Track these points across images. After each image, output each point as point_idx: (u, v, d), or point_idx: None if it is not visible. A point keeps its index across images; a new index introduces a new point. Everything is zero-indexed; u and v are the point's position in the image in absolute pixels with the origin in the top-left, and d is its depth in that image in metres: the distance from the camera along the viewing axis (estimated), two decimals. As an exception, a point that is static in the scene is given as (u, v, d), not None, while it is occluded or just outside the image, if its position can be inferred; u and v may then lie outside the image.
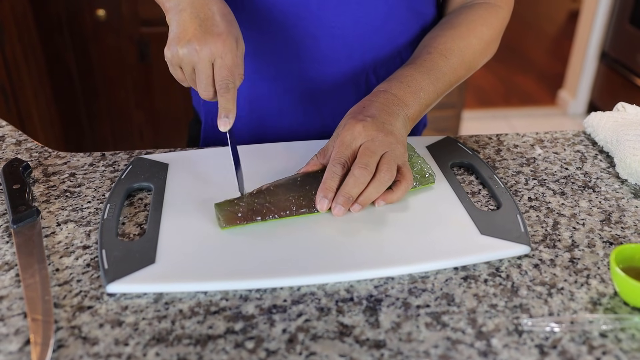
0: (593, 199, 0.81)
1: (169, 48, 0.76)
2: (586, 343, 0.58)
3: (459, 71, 0.89)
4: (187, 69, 0.76)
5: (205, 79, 0.76)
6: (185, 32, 0.74)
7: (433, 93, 0.85)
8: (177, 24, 0.75)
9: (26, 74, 2.08)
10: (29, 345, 0.57)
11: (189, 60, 0.75)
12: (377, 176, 0.74)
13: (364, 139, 0.76)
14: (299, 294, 0.64)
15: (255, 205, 0.74)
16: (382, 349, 0.57)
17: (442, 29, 0.92)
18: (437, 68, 0.86)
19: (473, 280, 0.66)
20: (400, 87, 0.82)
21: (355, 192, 0.74)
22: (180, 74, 0.79)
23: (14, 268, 0.67)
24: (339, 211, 0.73)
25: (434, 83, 0.85)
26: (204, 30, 0.74)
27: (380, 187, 0.74)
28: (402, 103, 0.81)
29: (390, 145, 0.76)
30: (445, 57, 0.87)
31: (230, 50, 0.75)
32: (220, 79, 0.75)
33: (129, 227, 0.74)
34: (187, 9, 0.76)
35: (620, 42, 3.13)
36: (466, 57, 0.89)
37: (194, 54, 0.74)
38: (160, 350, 0.57)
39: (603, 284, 0.66)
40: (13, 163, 0.83)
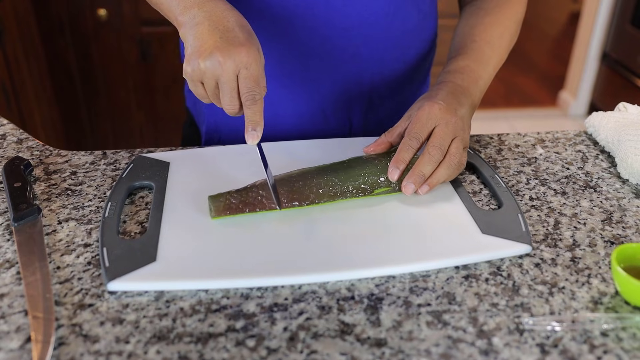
0: (594, 199, 0.81)
1: (188, 63, 0.72)
2: (587, 342, 0.58)
3: (502, 54, 0.94)
4: (209, 83, 0.73)
5: (230, 92, 0.72)
6: (205, 45, 0.71)
7: (487, 79, 0.91)
8: (195, 37, 0.72)
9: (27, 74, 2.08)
10: (30, 343, 0.57)
11: (212, 73, 0.71)
12: (447, 157, 0.77)
13: (439, 120, 0.79)
14: (300, 292, 0.64)
15: (248, 198, 0.75)
16: (383, 348, 0.57)
17: (477, 17, 0.96)
18: (485, 55, 0.91)
19: (474, 279, 0.66)
20: (462, 78, 0.87)
21: (428, 170, 0.76)
22: (201, 90, 0.75)
23: (15, 266, 0.67)
24: (410, 189, 0.76)
25: (486, 70, 0.90)
26: (226, 42, 0.71)
27: (450, 169, 0.77)
28: (467, 92, 0.85)
29: (460, 131, 0.79)
30: (489, 43, 0.92)
31: (254, 61, 0.72)
32: (246, 91, 0.72)
33: (130, 225, 0.74)
34: (204, 22, 0.73)
35: (621, 43, 3.13)
36: (505, 40, 0.95)
37: (217, 66, 0.71)
38: (161, 348, 0.57)
39: (604, 284, 0.66)
40: (14, 161, 0.84)
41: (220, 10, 0.74)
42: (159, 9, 0.83)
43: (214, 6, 0.74)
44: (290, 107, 0.99)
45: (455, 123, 0.79)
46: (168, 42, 2.19)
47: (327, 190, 0.76)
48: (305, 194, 0.76)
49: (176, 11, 0.76)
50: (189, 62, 0.72)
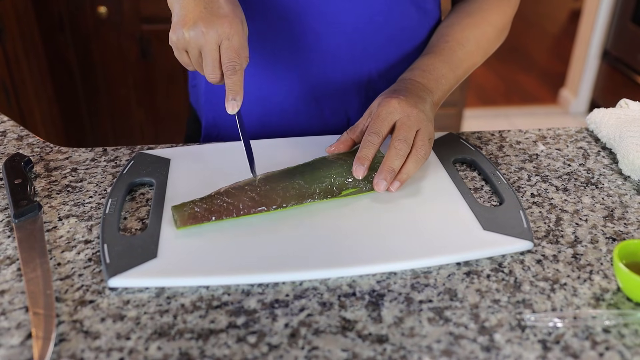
0: (596, 195, 0.81)
1: (174, 31, 0.75)
2: (589, 338, 0.58)
3: (475, 57, 0.93)
4: (193, 52, 0.75)
5: (212, 62, 0.75)
6: (190, 14, 0.74)
7: (453, 79, 0.90)
8: (181, 7, 0.75)
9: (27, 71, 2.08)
10: (30, 339, 0.57)
11: (196, 42, 0.74)
12: (414, 151, 0.77)
13: (400, 114, 0.79)
14: (301, 288, 0.64)
15: (213, 205, 0.73)
16: (384, 344, 0.57)
17: (457, 18, 0.95)
18: (455, 55, 0.91)
19: (476, 275, 0.66)
20: (424, 76, 0.87)
21: (397, 165, 0.76)
22: (185, 58, 0.78)
23: (15, 262, 0.67)
24: (382, 186, 0.76)
25: (453, 70, 0.90)
26: (209, 13, 0.74)
27: (418, 161, 0.77)
28: (427, 89, 0.85)
29: (423, 122, 0.79)
30: (462, 45, 0.92)
31: (236, 32, 0.74)
32: (227, 61, 0.74)
33: (131, 221, 0.74)
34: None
35: (622, 40, 3.13)
36: (481, 44, 0.94)
37: (200, 36, 0.73)
38: (162, 344, 0.57)
39: (606, 280, 0.66)
40: (15, 158, 0.83)
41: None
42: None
43: None
44: (287, 103, 0.98)
45: (417, 115, 0.78)
46: (168, 39, 2.18)
47: (293, 193, 0.75)
48: (272, 198, 0.74)
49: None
50: (174, 30, 0.75)
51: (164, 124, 2.46)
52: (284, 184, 0.76)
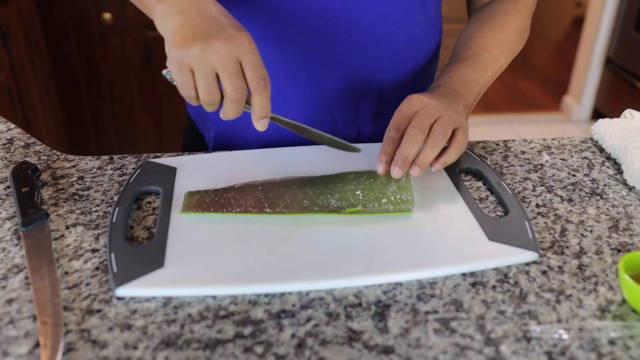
0: (601, 206, 0.81)
1: (179, 47, 0.66)
2: (595, 350, 0.58)
3: (500, 60, 0.94)
4: (203, 70, 0.67)
5: (231, 78, 0.67)
6: (198, 30, 0.67)
7: (482, 81, 0.90)
8: (185, 22, 0.67)
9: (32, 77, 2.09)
10: (38, 348, 0.57)
11: (207, 59, 0.66)
12: (430, 137, 0.76)
13: (419, 106, 0.79)
14: (307, 299, 0.64)
15: (221, 198, 0.76)
16: (390, 355, 0.57)
17: (477, 26, 0.97)
18: (481, 59, 0.91)
19: (481, 286, 0.66)
20: (451, 81, 0.87)
21: (410, 152, 0.75)
22: (188, 80, 0.68)
23: (23, 271, 0.67)
24: (397, 173, 0.75)
25: (480, 73, 0.90)
26: (221, 28, 0.67)
27: (435, 146, 0.76)
28: (457, 93, 0.85)
29: (445, 110, 0.78)
30: (486, 49, 0.92)
31: (255, 47, 0.69)
32: (257, 76, 0.68)
33: (138, 230, 0.74)
34: (190, 10, 0.68)
35: (625, 48, 3.13)
36: (504, 47, 0.95)
37: (217, 52, 0.66)
38: (169, 354, 0.57)
39: (611, 291, 0.66)
40: (22, 166, 0.84)
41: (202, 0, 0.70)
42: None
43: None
44: (298, 112, 0.99)
45: (438, 105, 0.78)
46: None
47: (299, 202, 0.76)
48: (277, 203, 0.75)
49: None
50: (179, 46, 0.66)
51: (167, 130, 2.46)
52: (293, 192, 0.76)
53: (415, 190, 0.80)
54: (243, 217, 0.75)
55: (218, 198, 0.76)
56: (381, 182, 0.77)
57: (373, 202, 0.75)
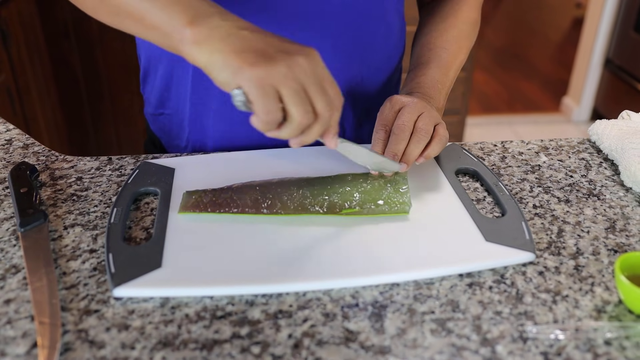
0: (598, 207, 0.81)
1: (258, 65, 0.59)
2: (591, 351, 0.58)
3: (460, 56, 0.97)
4: (294, 88, 0.60)
5: (323, 95, 0.62)
6: (272, 46, 0.61)
7: (447, 82, 0.93)
8: (250, 41, 0.61)
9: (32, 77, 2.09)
10: (36, 348, 0.58)
11: (299, 74, 0.60)
12: (414, 133, 0.79)
13: (400, 105, 0.82)
14: (304, 299, 0.64)
15: (219, 198, 0.76)
16: (387, 355, 0.57)
17: (432, 24, 0.99)
18: (442, 60, 0.94)
19: (478, 287, 0.66)
20: (420, 86, 0.89)
21: (399, 150, 0.78)
22: (275, 101, 0.60)
23: (21, 271, 0.67)
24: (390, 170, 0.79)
25: (445, 74, 0.93)
26: (291, 43, 0.63)
27: (420, 142, 0.79)
28: (428, 97, 0.87)
29: (425, 107, 0.82)
30: (445, 48, 0.95)
31: None
32: (338, 92, 0.64)
33: (136, 231, 0.75)
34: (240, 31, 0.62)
35: (625, 49, 3.14)
36: (462, 43, 0.98)
37: (305, 66, 0.60)
38: (166, 354, 0.57)
39: (608, 292, 0.66)
40: (20, 166, 0.84)
41: (243, 20, 0.64)
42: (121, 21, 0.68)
43: (236, 17, 0.64)
44: None
45: (419, 103, 0.81)
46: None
47: (295, 203, 0.76)
48: (274, 203, 0.76)
49: (179, 22, 0.63)
50: (258, 65, 0.59)
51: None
52: (291, 192, 0.77)
53: (412, 191, 0.81)
54: (241, 218, 0.75)
55: (216, 198, 0.76)
56: (378, 184, 0.77)
57: (370, 204, 0.76)
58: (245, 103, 0.62)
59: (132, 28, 0.68)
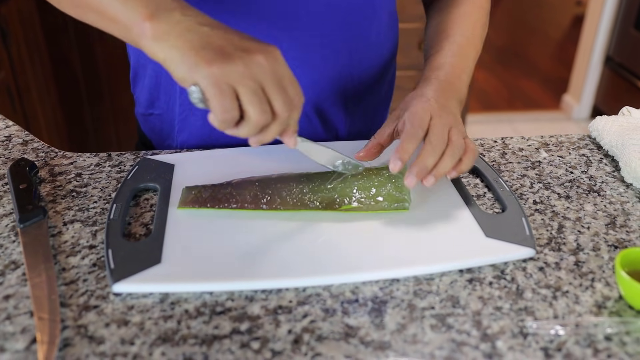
0: (598, 203, 0.81)
1: (215, 63, 0.59)
2: (591, 346, 0.58)
3: (478, 45, 0.93)
4: (251, 87, 0.60)
5: (281, 93, 0.62)
6: (231, 43, 0.61)
7: (469, 72, 0.88)
8: (208, 38, 0.61)
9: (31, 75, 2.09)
10: (35, 344, 0.57)
11: (256, 73, 0.60)
12: (449, 147, 0.73)
13: (433, 113, 0.76)
14: (304, 295, 0.64)
15: (218, 194, 0.76)
16: (387, 350, 0.57)
17: (446, 12, 0.95)
18: (463, 48, 0.89)
19: (478, 282, 0.66)
20: (445, 74, 0.84)
21: (430, 163, 0.72)
22: (232, 100, 0.60)
23: (20, 267, 0.67)
24: (411, 181, 0.71)
25: (466, 63, 0.88)
26: (252, 40, 0.62)
27: (454, 156, 0.74)
28: (452, 87, 0.83)
29: (455, 120, 0.77)
30: (464, 36, 0.90)
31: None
32: (298, 91, 0.64)
33: (135, 227, 0.75)
34: (201, 27, 0.61)
35: (625, 46, 3.13)
36: (477, 31, 0.93)
37: (264, 64, 0.60)
38: (166, 349, 0.57)
39: (608, 288, 0.66)
40: (20, 163, 0.84)
41: (205, 16, 0.64)
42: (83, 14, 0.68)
43: (198, 12, 0.64)
44: None
45: (448, 116, 0.77)
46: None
47: (294, 199, 0.76)
48: (273, 199, 0.76)
49: (138, 15, 0.61)
50: (215, 63, 0.59)
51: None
52: (290, 188, 0.76)
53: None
54: (240, 213, 0.75)
55: (215, 193, 0.76)
56: (378, 180, 0.77)
57: (370, 200, 0.75)
58: (202, 100, 0.62)
59: (93, 20, 0.67)
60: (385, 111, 1.12)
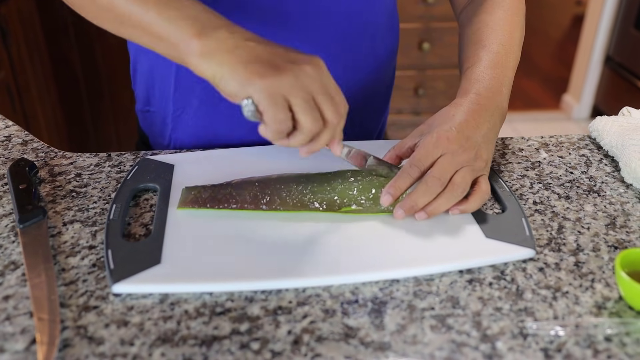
0: (598, 203, 0.81)
1: (266, 76, 0.60)
2: (591, 347, 0.58)
3: (517, 52, 0.88)
4: (303, 96, 0.61)
5: (332, 104, 0.63)
6: (279, 56, 0.62)
7: (509, 82, 0.84)
8: (256, 52, 0.62)
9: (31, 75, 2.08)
10: (35, 345, 0.57)
11: (307, 83, 0.61)
12: (449, 187, 0.72)
13: (444, 150, 0.73)
14: (304, 295, 0.64)
15: (218, 194, 0.76)
16: (387, 351, 0.57)
17: (483, 20, 0.89)
18: (502, 57, 0.84)
19: (478, 283, 0.66)
20: (485, 87, 0.80)
21: (422, 202, 0.72)
22: (285, 111, 0.62)
23: (20, 267, 0.67)
24: (400, 215, 0.72)
25: (506, 73, 0.83)
26: (297, 52, 0.64)
27: (451, 199, 0.72)
28: (492, 103, 0.79)
29: (469, 161, 0.74)
30: (502, 45, 0.85)
31: None
32: (343, 100, 0.65)
33: (135, 227, 0.74)
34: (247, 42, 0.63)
35: (625, 46, 3.13)
36: (516, 37, 0.88)
37: (313, 74, 0.62)
38: (165, 350, 0.57)
39: (608, 288, 0.66)
40: (19, 163, 0.84)
41: (250, 32, 0.65)
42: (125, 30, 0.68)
43: (243, 29, 0.65)
44: None
45: (464, 153, 0.74)
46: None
47: (294, 199, 0.75)
48: (273, 199, 0.75)
49: (186, 34, 0.63)
50: (266, 76, 0.60)
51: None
52: (290, 188, 0.76)
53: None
54: (240, 214, 0.75)
55: (215, 194, 0.76)
56: (379, 181, 0.77)
57: (370, 201, 0.75)
58: (254, 113, 0.63)
59: (138, 38, 0.68)
60: (385, 111, 1.11)
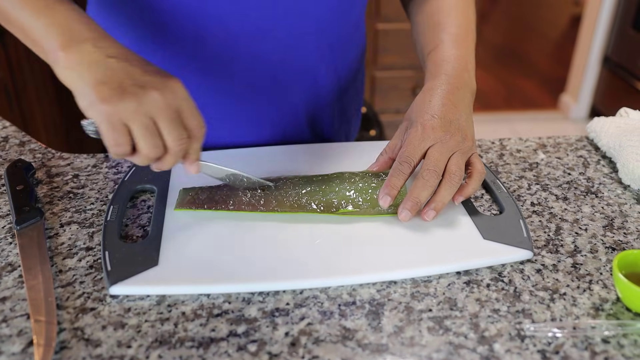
0: (596, 205, 0.81)
1: (108, 101, 0.60)
2: (588, 349, 0.58)
3: (473, 33, 0.89)
4: (143, 122, 0.62)
5: (176, 128, 0.63)
6: (128, 79, 0.62)
7: (473, 61, 0.85)
8: (109, 72, 0.62)
9: (29, 75, 2.08)
10: (31, 347, 0.57)
11: (149, 110, 0.62)
12: (446, 177, 0.72)
13: (432, 140, 0.74)
14: (301, 297, 0.64)
15: (215, 195, 0.76)
16: (384, 353, 0.57)
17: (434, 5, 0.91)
18: (461, 38, 0.85)
19: (475, 285, 0.66)
20: (452, 67, 0.81)
21: (424, 196, 0.72)
22: (123, 135, 0.62)
23: (17, 269, 0.67)
24: (406, 216, 0.72)
25: (468, 52, 0.84)
26: (152, 75, 0.63)
27: (452, 188, 0.72)
28: (461, 81, 0.80)
29: (458, 145, 0.74)
30: (458, 26, 0.87)
31: (187, 92, 0.65)
32: (197, 124, 0.65)
33: (132, 229, 0.74)
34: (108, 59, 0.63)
35: (623, 46, 3.14)
36: (470, 19, 0.89)
37: (158, 101, 0.62)
38: (162, 352, 0.57)
39: (605, 290, 0.66)
40: (16, 164, 0.84)
41: (118, 47, 0.65)
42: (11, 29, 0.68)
43: (111, 44, 0.64)
44: (260, 139, 0.96)
45: (452, 138, 0.74)
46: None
47: (291, 201, 0.75)
48: (269, 201, 0.75)
49: (54, 43, 0.63)
50: (108, 101, 0.61)
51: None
52: (287, 190, 0.76)
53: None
54: (237, 216, 0.75)
55: (212, 195, 0.76)
56: (375, 184, 0.77)
57: (367, 203, 0.75)
58: (96, 133, 0.65)
59: (23, 40, 0.68)
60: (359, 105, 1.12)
